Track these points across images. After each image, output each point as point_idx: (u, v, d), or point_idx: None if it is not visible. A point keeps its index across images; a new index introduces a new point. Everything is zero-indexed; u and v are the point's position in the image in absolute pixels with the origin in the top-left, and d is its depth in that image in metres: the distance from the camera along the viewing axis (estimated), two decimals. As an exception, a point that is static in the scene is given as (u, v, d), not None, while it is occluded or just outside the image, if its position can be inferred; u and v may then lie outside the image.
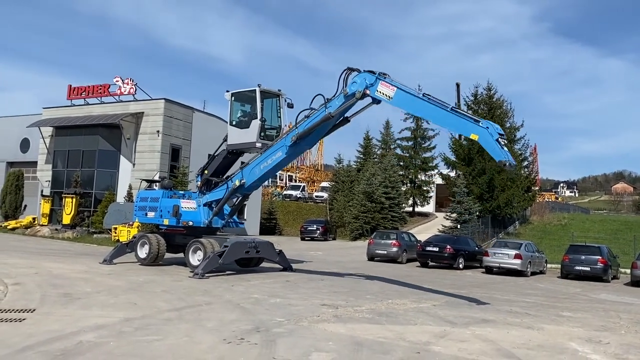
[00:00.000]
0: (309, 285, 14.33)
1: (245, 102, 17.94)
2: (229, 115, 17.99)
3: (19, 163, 38.29)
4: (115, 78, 32.51)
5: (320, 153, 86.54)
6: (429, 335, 8.48)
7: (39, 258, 17.51)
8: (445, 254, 23.27)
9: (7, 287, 11.05)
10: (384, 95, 13.91)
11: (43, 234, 28.80)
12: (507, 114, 40.12)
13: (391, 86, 13.77)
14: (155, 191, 18.49)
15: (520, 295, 15.33)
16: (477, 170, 37.09)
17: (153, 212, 17.71)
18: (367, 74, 14.13)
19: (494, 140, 12.13)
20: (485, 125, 12.30)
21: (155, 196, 17.95)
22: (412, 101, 13.65)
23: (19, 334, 7.19)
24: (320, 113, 14.89)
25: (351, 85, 14.31)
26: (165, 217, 17.36)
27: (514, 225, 39.80)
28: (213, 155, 18.33)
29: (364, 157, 47.43)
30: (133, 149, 32.02)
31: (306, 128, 15.12)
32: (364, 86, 14.09)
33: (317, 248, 31.11)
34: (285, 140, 15.66)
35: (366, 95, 14.19)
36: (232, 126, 17.67)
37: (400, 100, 13.81)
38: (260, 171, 16.25)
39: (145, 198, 18.20)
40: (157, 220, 17.84)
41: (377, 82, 13.96)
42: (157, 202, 17.67)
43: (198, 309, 9.80)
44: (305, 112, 15.36)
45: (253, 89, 17.12)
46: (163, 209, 17.43)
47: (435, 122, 13.91)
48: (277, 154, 15.82)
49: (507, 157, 11.88)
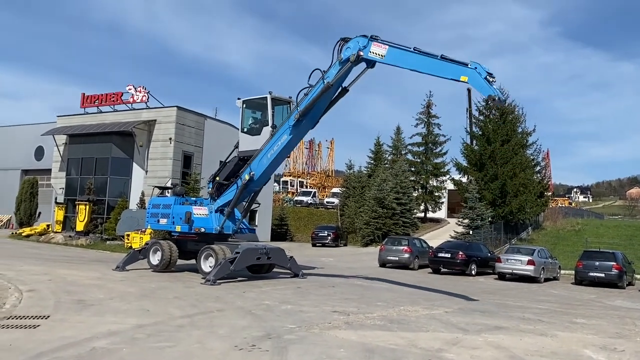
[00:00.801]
0: (320, 292, 14.33)
1: (256, 109, 18.13)
2: (240, 122, 18.14)
3: (33, 171, 38.81)
4: (128, 86, 32.89)
5: (331, 159, 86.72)
6: (440, 342, 8.43)
7: (53, 265, 17.68)
8: (458, 260, 23.12)
9: (21, 293, 11.17)
10: (377, 55, 14.57)
11: (57, 241, 29.06)
12: (519, 119, 39.87)
13: (383, 45, 14.46)
14: (167, 198, 18.57)
15: (534, 302, 15.19)
16: (489, 175, 36.87)
17: (165, 218, 17.77)
18: (360, 37, 14.80)
19: (482, 78, 13.03)
20: (474, 66, 13.08)
21: (167, 203, 17.99)
22: (404, 56, 14.36)
23: (34, 340, 7.27)
24: (319, 86, 15.42)
25: (345, 50, 14.99)
26: (178, 223, 17.41)
27: (527, 231, 39.47)
28: (224, 162, 18.45)
29: (375, 162, 47.34)
30: (145, 156, 32.29)
31: (308, 103, 15.56)
32: (357, 48, 14.66)
33: (329, 254, 31.07)
34: (288, 121, 16.09)
35: (360, 58, 14.77)
36: (244, 133, 17.86)
37: (393, 57, 14.48)
38: (268, 160, 16.54)
39: (157, 205, 18.28)
40: (169, 227, 17.88)
41: (369, 44, 14.61)
42: (170, 209, 17.70)
43: (210, 316, 9.84)
44: (305, 91, 15.84)
45: (264, 96, 17.36)
46: (175, 215, 17.48)
47: (428, 71, 14.30)
48: (283, 138, 16.19)
49: (496, 92, 12.77)
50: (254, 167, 16.76)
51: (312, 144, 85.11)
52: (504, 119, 38.70)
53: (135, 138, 31.85)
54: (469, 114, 44.29)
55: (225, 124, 35.23)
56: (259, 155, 16.70)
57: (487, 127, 39.26)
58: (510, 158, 36.79)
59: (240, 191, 16.90)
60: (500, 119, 38.84)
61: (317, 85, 15.60)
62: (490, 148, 37.56)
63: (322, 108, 16.14)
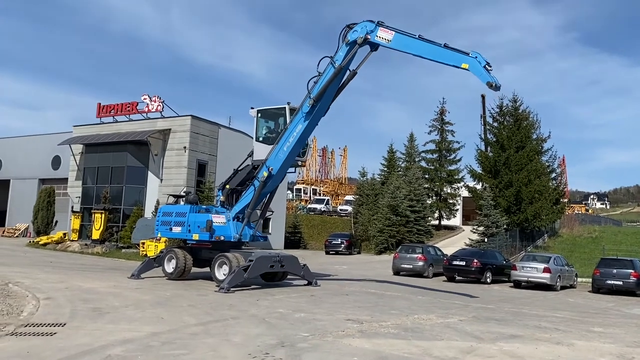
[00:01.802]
0: (334, 300, 14.30)
1: (272, 119, 18.41)
2: (254, 131, 18.28)
3: (50, 180, 39.36)
4: (143, 96, 33.29)
5: (344, 166, 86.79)
6: (455, 350, 8.37)
7: (69, 273, 17.88)
8: (472, 268, 22.94)
9: (39, 301, 11.31)
10: (383, 40, 15.57)
11: (73, 249, 29.38)
12: (534, 125, 39.59)
13: (390, 30, 15.48)
14: (182, 206, 18.43)
15: (550, 310, 15.02)
16: (504, 182, 36.61)
17: (180, 227, 17.61)
18: (367, 22, 15.75)
19: (482, 66, 14.13)
20: (474, 55, 14.18)
21: (181, 211, 17.87)
22: (410, 42, 15.40)
23: (50, 347, 7.36)
24: (330, 70, 16.11)
25: (352, 33, 15.85)
26: (195, 232, 17.23)
27: (543, 239, 39.05)
28: (236, 169, 18.56)
29: (388, 170, 47.25)
30: (160, 164, 32.60)
31: (321, 87, 16.09)
32: (365, 32, 15.61)
33: (342, 262, 31.02)
34: (302, 109, 16.52)
35: (367, 41, 15.68)
36: (259, 142, 18.04)
37: (398, 43, 15.46)
38: (284, 153, 16.79)
39: (169, 213, 18.14)
40: (184, 235, 17.73)
41: (376, 29, 15.58)
42: (184, 217, 17.56)
43: (224, 324, 9.87)
44: (314, 79, 16.38)
45: (282, 107, 17.71)
46: (192, 223, 17.32)
47: (432, 57, 15.15)
48: (298, 127, 16.58)
49: (494, 79, 13.74)
50: (270, 163, 16.99)
51: (325, 151, 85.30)
52: (518, 125, 38.49)
53: (150, 147, 32.19)
54: (483, 120, 44.13)
55: (238, 132, 35.48)
56: (274, 150, 16.99)
57: (501, 133, 39.05)
58: (525, 165, 36.51)
59: (259, 191, 17.09)
60: (515, 125, 38.62)
61: (327, 70, 16.22)
62: (505, 155, 37.32)
63: (332, 93, 16.61)
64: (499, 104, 40.09)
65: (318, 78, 16.28)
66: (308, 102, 16.31)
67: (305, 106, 16.37)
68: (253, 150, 18.23)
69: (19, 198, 41.02)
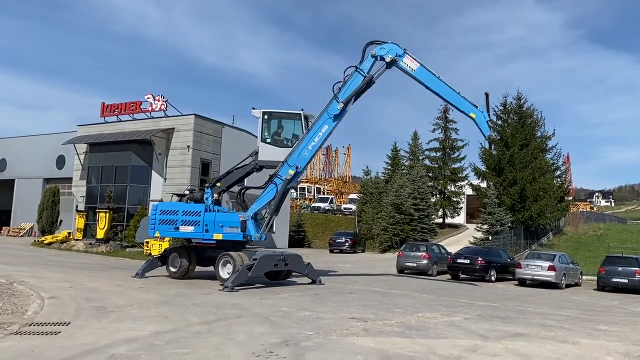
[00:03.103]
0: (338, 299, 14.29)
1: (285, 123, 18.75)
2: (260, 131, 18.38)
3: (55, 179, 39.48)
4: (146, 95, 33.32)
5: (347, 165, 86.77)
6: (460, 349, 8.34)
7: (74, 272, 17.93)
8: (477, 266, 22.90)
9: (43, 300, 11.34)
10: (408, 67, 17.94)
11: (78, 249, 29.47)
12: (538, 123, 39.43)
13: (415, 61, 18.00)
14: (194, 205, 17.80)
15: (555, 308, 14.97)
16: (508, 180, 36.48)
17: (192, 226, 17.04)
18: (394, 45, 18.05)
19: (485, 121, 18.13)
20: (481, 110, 17.84)
21: (194, 210, 17.28)
22: (431, 78, 18.05)
23: (55, 346, 7.37)
24: (356, 77, 18.05)
25: (380, 49, 17.98)
26: (218, 231, 16.90)
27: (548, 237, 38.92)
28: (233, 169, 18.68)
29: (392, 168, 47.20)
30: (164, 164, 32.65)
31: (350, 93, 17.90)
32: (395, 54, 17.91)
33: (346, 260, 31.01)
34: (328, 111, 17.86)
35: (393, 63, 17.98)
36: (266, 143, 18.25)
37: (421, 74, 17.99)
38: (310, 152, 17.86)
39: (172, 211, 17.38)
40: (199, 235, 17.13)
41: (404, 55, 17.98)
42: (199, 216, 17.06)
43: (228, 322, 9.87)
44: (338, 85, 18.04)
45: (297, 112, 18.49)
46: (209, 223, 16.96)
47: (448, 98, 18.31)
48: (324, 128, 17.89)
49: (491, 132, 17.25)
50: (295, 162, 17.75)
51: (329, 150, 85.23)
52: (522, 123, 38.34)
53: (154, 146, 32.23)
54: (487, 118, 43.94)
55: (242, 131, 35.49)
56: (297, 150, 17.75)
57: (505, 131, 38.89)
58: (530, 162, 36.37)
59: (283, 189, 17.68)
60: (519, 122, 38.48)
61: (353, 77, 18.06)
62: (509, 152, 37.19)
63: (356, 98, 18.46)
64: (503, 102, 39.95)
65: (342, 84, 17.93)
66: (337, 105, 17.75)
67: (335, 109, 17.79)
68: (258, 150, 18.31)
69: (24, 197, 41.16)
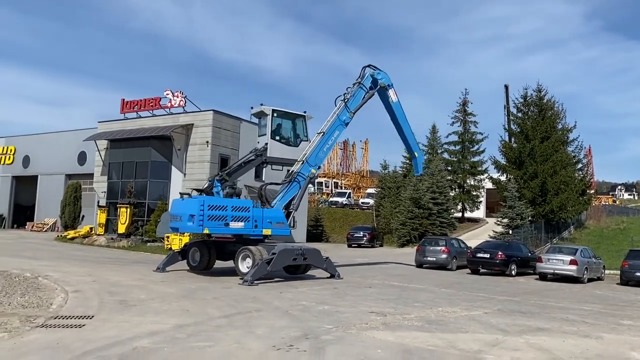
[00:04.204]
0: (357, 293, 14.30)
1: (289, 122, 19.28)
2: (269, 128, 18.58)
3: (76, 175, 40.09)
4: (165, 91, 33.58)
5: (365, 159, 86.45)
6: (480, 343, 8.29)
7: (96, 266, 18.21)
8: (497, 260, 22.69)
9: (67, 294, 11.55)
10: (390, 98, 20.85)
11: (100, 243, 29.92)
12: (559, 115, 38.89)
13: (396, 96, 21.02)
14: (243, 200, 17.64)
15: (577, 303, 14.78)
16: (529, 173, 36.06)
17: (242, 222, 16.72)
18: (387, 76, 20.65)
19: (422, 162, 22.86)
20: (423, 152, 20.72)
21: (245, 205, 17.06)
22: (402, 114, 21.30)
23: (80, 339, 7.51)
24: (359, 92, 19.84)
25: (377, 73, 20.37)
26: (267, 227, 17.04)
27: (569, 230, 38.42)
28: (243, 162, 19.01)
29: (410, 162, 46.94)
30: (183, 159, 32.91)
31: (358, 105, 19.70)
32: (386, 83, 20.60)
33: (364, 255, 30.98)
34: (340, 119, 19.22)
35: (382, 89, 20.48)
36: (275, 140, 18.66)
37: (397, 108, 21.11)
38: (325, 153, 19.08)
39: (221, 206, 16.60)
40: (248, 230, 16.91)
41: (391, 87, 20.80)
42: (248, 212, 16.91)
43: (248, 316, 9.94)
44: (341, 97, 19.49)
45: (302, 114, 19.45)
46: (259, 219, 16.93)
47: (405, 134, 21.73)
48: (335, 133, 19.32)
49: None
50: (314, 161, 18.68)
51: (346, 144, 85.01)
52: (543, 116, 37.85)
53: (173, 142, 32.51)
54: (507, 111, 43.50)
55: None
56: (314, 151, 18.67)
57: (525, 124, 38.44)
58: (551, 155, 35.91)
59: (306, 186, 18.65)
60: (539, 115, 38.00)
61: (358, 91, 19.82)
62: (530, 145, 36.75)
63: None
64: (523, 94, 39.49)
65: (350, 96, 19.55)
66: (348, 114, 19.34)
67: (347, 117, 19.36)
68: (268, 146, 18.58)
69: (47, 193, 41.88)
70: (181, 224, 16.71)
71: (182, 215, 16.62)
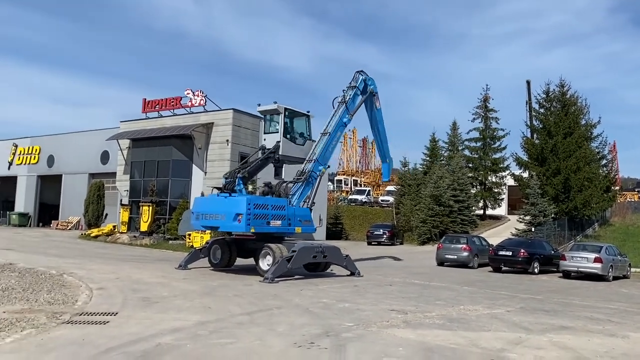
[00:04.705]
0: (377, 291, 14.26)
1: (296, 121, 19.49)
2: (281, 127, 18.71)
3: (99, 174, 40.68)
4: (186, 90, 33.88)
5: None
6: (503, 342, 8.21)
7: (120, 264, 18.48)
8: (519, 258, 22.42)
9: (92, 291, 11.74)
10: (375, 104, 21.64)
11: (123, 241, 30.33)
12: (582, 110, 38.24)
13: (379, 102, 21.90)
14: (279, 199, 17.57)
15: (602, 301, 14.53)
16: (552, 170, 35.54)
17: (279, 220, 16.84)
18: (375, 83, 21.24)
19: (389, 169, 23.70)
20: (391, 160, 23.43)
21: (280, 204, 17.11)
22: (382, 120, 22.22)
23: (104, 335, 7.63)
24: (356, 93, 20.48)
25: (369, 80, 20.95)
26: (298, 225, 17.29)
27: (593, 228, 37.78)
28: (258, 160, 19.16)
29: (431, 159, 46.63)
30: (204, 158, 33.18)
31: (356, 107, 20.38)
32: (375, 90, 21.28)
33: (384, 253, 30.87)
34: (342, 120, 19.71)
35: (370, 94, 21.06)
36: (287, 139, 18.85)
37: (379, 114, 21.96)
38: (330, 152, 19.45)
39: (264, 205, 16.64)
40: (284, 229, 17.04)
41: (377, 94, 21.50)
42: (284, 210, 17.09)
43: (269, 313, 9.99)
44: (338, 99, 20.04)
45: (308, 115, 19.71)
46: (292, 217, 17.12)
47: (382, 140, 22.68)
48: (338, 134, 19.90)
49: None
50: (324, 160, 19.04)
51: (365, 142, 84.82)
52: (565, 111, 37.26)
53: (194, 141, 32.80)
54: (529, 106, 42.90)
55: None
56: (322, 150, 18.98)
57: (548, 119, 37.88)
58: (574, 151, 35.34)
59: (318, 184, 18.80)
60: (562, 110, 37.41)
61: (354, 93, 20.37)
62: (552, 141, 36.21)
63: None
64: (546, 90, 38.90)
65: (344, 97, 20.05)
66: (348, 116, 19.88)
67: (347, 119, 19.90)
68: (281, 144, 18.64)
69: (71, 192, 42.59)
70: (223, 222, 16.43)
71: (225, 213, 16.30)
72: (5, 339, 7.24)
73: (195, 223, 17.77)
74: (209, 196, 18.10)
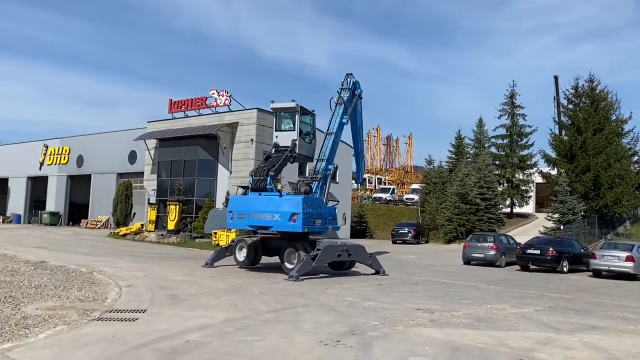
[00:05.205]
0: (403, 289, 14.19)
1: (306, 119, 19.63)
2: (297, 126, 18.82)
3: (127, 174, 41.36)
4: (211, 90, 34.20)
5: (409, 155, 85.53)
6: (531, 341, 8.09)
7: (148, 262, 18.78)
8: (548, 256, 22.02)
9: (121, 289, 11.97)
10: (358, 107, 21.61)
11: (150, 239, 30.81)
12: (613, 106, 37.41)
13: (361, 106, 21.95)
14: (317, 198, 17.74)
15: (634, 301, 14.20)
16: (581, 167, 34.84)
17: (320, 219, 17.02)
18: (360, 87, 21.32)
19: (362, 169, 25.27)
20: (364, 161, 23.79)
21: (319, 203, 17.30)
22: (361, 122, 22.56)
23: (133, 332, 7.77)
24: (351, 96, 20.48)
25: (357, 83, 21.01)
26: (330, 224, 17.50)
27: (624, 226, 36.94)
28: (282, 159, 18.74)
29: (456, 157, 46.12)
30: (229, 157, 33.46)
31: (351, 108, 20.42)
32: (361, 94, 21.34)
33: (409, 251, 30.71)
34: (341, 121, 19.87)
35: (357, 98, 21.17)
36: (300, 137, 18.97)
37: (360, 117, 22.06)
38: (334, 152, 19.42)
39: (315, 204, 17.00)
40: (322, 228, 17.25)
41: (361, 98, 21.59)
42: (322, 209, 17.28)
43: (294, 311, 10.04)
44: (334, 99, 20.23)
45: (314, 114, 19.93)
46: (327, 215, 17.38)
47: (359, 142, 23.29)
48: (340, 134, 20.13)
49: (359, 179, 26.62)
50: (332, 159, 19.15)
51: (389, 140, 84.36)
52: (595, 107, 36.49)
53: (219, 140, 33.10)
54: (557, 102, 42.15)
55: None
56: (331, 150, 19.16)
57: (577, 115, 37.15)
58: (604, 148, 34.58)
59: (330, 183, 18.93)
60: (592, 106, 36.65)
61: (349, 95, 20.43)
62: (581, 138, 35.50)
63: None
64: (574, 85, 38.18)
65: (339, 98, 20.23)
66: (346, 117, 20.04)
67: (345, 119, 20.11)
68: (297, 143, 18.62)
69: (100, 192, 43.42)
70: (278, 222, 16.35)
71: (279, 213, 16.28)
72: (38, 335, 7.44)
73: (237, 222, 17.45)
74: (249, 195, 17.77)
